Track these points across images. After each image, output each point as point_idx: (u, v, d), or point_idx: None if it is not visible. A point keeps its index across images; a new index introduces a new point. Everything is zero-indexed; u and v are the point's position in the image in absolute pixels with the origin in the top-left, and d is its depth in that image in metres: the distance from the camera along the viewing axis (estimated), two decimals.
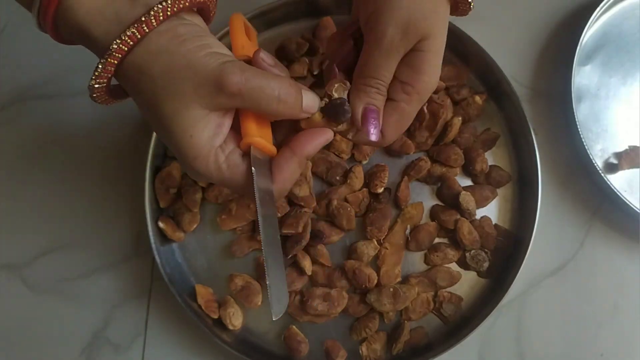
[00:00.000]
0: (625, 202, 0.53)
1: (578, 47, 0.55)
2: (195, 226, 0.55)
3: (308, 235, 0.52)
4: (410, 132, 0.55)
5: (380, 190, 0.53)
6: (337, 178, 0.55)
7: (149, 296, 0.55)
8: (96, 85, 0.34)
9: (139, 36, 0.32)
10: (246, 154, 0.36)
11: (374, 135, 0.38)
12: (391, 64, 0.37)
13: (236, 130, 0.36)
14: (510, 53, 0.59)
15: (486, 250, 0.53)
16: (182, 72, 0.32)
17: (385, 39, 0.36)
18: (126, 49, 0.32)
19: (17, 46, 0.61)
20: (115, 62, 0.32)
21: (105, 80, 0.34)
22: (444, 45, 0.38)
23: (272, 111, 0.34)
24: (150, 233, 0.53)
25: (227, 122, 0.35)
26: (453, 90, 0.56)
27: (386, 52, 0.36)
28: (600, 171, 0.53)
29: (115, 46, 0.32)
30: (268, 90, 0.33)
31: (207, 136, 0.34)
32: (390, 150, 0.55)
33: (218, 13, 0.38)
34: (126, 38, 0.32)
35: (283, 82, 0.34)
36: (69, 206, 0.57)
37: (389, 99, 0.38)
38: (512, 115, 0.55)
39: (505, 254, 0.54)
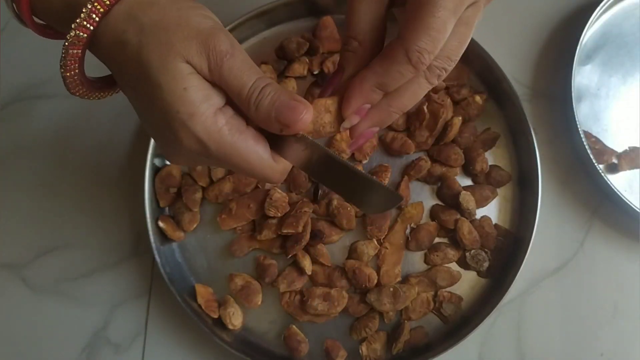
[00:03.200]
0: (625, 202, 0.53)
1: (578, 47, 0.55)
2: (195, 226, 0.55)
3: (308, 235, 0.52)
4: (410, 132, 0.55)
5: None
6: None
7: (149, 296, 0.55)
8: (71, 42, 0.30)
9: None
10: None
11: (328, 89, 0.33)
12: (358, 8, 0.32)
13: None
14: (510, 53, 0.59)
15: (486, 250, 0.53)
16: (173, 26, 0.30)
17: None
18: None
19: (17, 46, 0.62)
20: (102, 9, 0.30)
21: (84, 34, 0.30)
22: None
23: (243, 105, 0.31)
24: (150, 233, 0.53)
25: (222, 94, 0.31)
26: (453, 90, 0.56)
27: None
28: (600, 171, 0.53)
29: None
30: (246, 78, 0.30)
31: (203, 94, 0.30)
32: (390, 150, 0.55)
33: (219, 13, 0.38)
34: None
35: (268, 82, 0.31)
36: (69, 206, 0.57)
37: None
38: (512, 115, 0.55)
39: (505, 254, 0.54)
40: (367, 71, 0.32)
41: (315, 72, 0.57)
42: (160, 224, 0.53)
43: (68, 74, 0.32)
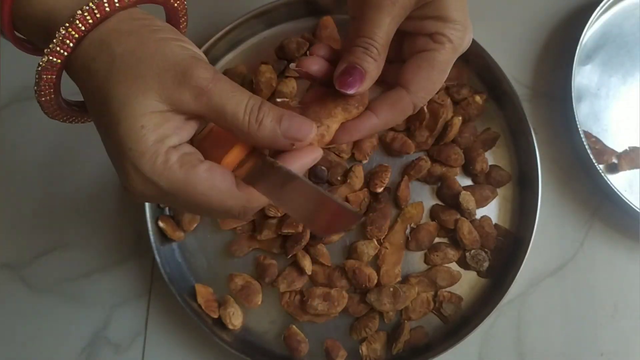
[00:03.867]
0: (625, 202, 0.53)
1: (578, 47, 0.55)
2: (195, 225, 0.55)
3: (308, 235, 0.52)
4: (410, 132, 0.55)
5: (380, 189, 0.53)
6: (338, 178, 0.55)
7: (149, 296, 0.55)
8: (44, 67, 0.29)
9: (108, 9, 0.29)
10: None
11: (351, 89, 0.32)
12: (381, 19, 0.32)
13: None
14: (510, 53, 0.59)
15: (486, 250, 0.53)
16: (148, 58, 0.28)
17: None
18: (91, 20, 0.28)
19: None
20: (76, 35, 0.28)
21: (58, 60, 0.29)
22: None
23: (240, 128, 0.29)
24: (150, 233, 0.53)
25: (188, 131, 0.30)
26: (453, 89, 0.56)
27: (376, 5, 0.32)
28: (600, 171, 0.53)
29: (80, 13, 0.28)
30: (238, 98, 0.29)
31: (162, 133, 0.28)
32: (390, 150, 0.55)
33: (219, 14, 0.38)
34: (94, 7, 0.28)
35: (262, 100, 0.30)
36: (69, 206, 0.57)
37: (417, 52, 0.34)
38: (512, 115, 0.55)
39: (505, 254, 0.54)
40: (378, 120, 0.34)
41: None
42: (160, 224, 0.53)
43: (43, 99, 0.31)
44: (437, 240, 0.54)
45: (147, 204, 0.53)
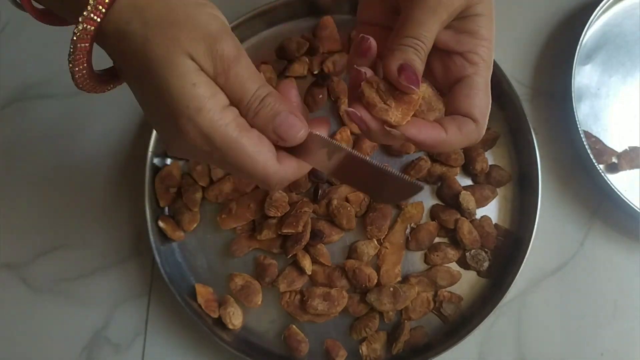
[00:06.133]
0: (625, 202, 0.53)
1: (578, 47, 0.55)
2: (195, 225, 0.55)
3: (308, 235, 0.52)
4: None
5: None
6: None
7: (149, 296, 0.55)
8: (79, 36, 0.30)
9: None
10: None
11: (415, 85, 0.32)
12: (431, 23, 0.33)
13: None
14: (510, 53, 0.59)
15: (486, 249, 0.53)
16: (180, 22, 0.30)
17: None
18: None
19: (17, 46, 0.62)
20: (107, 0, 0.29)
21: (92, 27, 0.30)
22: (494, 10, 0.36)
23: (242, 111, 0.31)
24: (150, 232, 0.53)
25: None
26: None
27: (428, 8, 0.33)
28: (600, 171, 0.53)
29: None
30: (249, 85, 0.31)
31: (211, 90, 0.30)
32: (390, 150, 0.55)
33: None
34: None
35: (269, 92, 0.32)
36: (69, 206, 0.57)
37: (457, 77, 0.35)
38: (513, 115, 0.55)
39: (505, 254, 0.54)
40: (447, 136, 0.34)
41: (315, 72, 0.57)
42: (160, 224, 0.53)
43: (77, 69, 0.32)
44: (437, 240, 0.54)
45: (147, 205, 0.53)
